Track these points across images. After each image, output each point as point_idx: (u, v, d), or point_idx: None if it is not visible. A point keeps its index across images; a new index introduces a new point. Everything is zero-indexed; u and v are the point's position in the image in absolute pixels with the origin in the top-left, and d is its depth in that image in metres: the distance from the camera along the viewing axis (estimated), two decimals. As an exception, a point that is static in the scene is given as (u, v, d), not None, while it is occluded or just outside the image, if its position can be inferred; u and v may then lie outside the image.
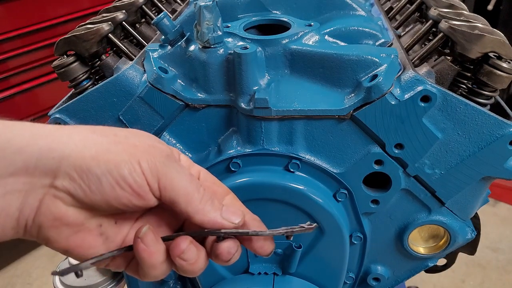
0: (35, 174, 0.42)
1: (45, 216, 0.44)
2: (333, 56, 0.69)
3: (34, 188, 0.43)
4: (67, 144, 0.43)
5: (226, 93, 0.72)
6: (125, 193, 0.44)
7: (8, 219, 0.43)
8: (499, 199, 2.63)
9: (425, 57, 0.71)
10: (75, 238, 0.46)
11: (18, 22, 2.15)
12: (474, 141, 0.68)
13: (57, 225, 0.45)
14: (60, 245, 0.46)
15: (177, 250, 0.47)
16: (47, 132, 0.43)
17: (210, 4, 0.67)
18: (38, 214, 0.44)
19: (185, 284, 0.89)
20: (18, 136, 0.42)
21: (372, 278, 0.84)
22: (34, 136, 0.43)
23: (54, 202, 0.44)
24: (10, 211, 0.43)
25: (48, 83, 2.31)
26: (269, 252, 0.52)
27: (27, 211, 0.44)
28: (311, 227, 0.51)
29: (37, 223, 0.44)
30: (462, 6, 0.81)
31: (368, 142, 0.70)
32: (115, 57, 0.82)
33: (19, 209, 0.43)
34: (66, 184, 0.43)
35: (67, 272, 0.45)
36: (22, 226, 0.44)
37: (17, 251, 2.51)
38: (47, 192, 0.44)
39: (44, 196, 0.44)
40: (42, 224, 0.44)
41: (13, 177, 0.42)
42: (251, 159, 0.72)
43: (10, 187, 0.42)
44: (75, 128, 0.46)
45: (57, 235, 0.45)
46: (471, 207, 0.75)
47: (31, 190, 0.43)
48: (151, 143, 0.47)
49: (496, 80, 0.66)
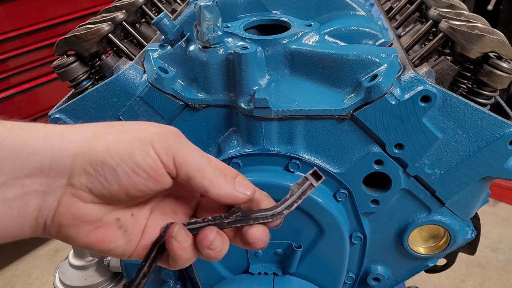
0: (51, 175, 0.43)
1: (65, 216, 0.45)
2: (333, 56, 0.69)
3: (51, 188, 0.44)
4: (79, 142, 0.44)
5: (226, 93, 0.72)
6: (141, 179, 0.45)
7: (27, 219, 0.44)
8: (499, 199, 2.63)
9: (425, 57, 0.71)
10: (95, 233, 0.47)
11: (18, 22, 2.15)
12: (474, 141, 0.68)
13: (76, 223, 0.46)
14: (81, 241, 0.47)
15: (206, 242, 0.49)
16: (58, 132, 0.44)
17: (210, 4, 0.67)
18: (57, 214, 0.45)
19: (185, 284, 0.89)
20: (32, 139, 0.43)
21: (372, 278, 0.84)
22: (47, 137, 0.44)
23: (72, 201, 0.45)
24: (29, 211, 0.44)
25: (48, 83, 2.31)
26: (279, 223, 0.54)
27: (46, 212, 0.45)
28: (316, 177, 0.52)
29: (56, 223, 0.45)
30: (462, 6, 0.81)
31: (368, 142, 0.70)
32: (115, 57, 0.82)
33: (38, 209, 0.44)
34: (83, 180, 0.44)
35: None
36: (41, 226, 0.45)
37: (17, 251, 2.51)
38: (64, 192, 0.44)
39: (62, 196, 0.45)
40: (61, 224, 0.46)
41: (30, 178, 0.43)
42: (251, 159, 0.72)
43: (28, 188, 0.43)
44: (84, 125, 0.47)
45: (77, 233, 0.46)
46: (471, 207, 0.75)
47: (48, 191, 0.44)
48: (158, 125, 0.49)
49: (496, 80, 0.66)
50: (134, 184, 0.45)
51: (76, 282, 0.96)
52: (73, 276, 0.97)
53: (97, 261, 0.97)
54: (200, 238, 0.49)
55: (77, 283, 0.96)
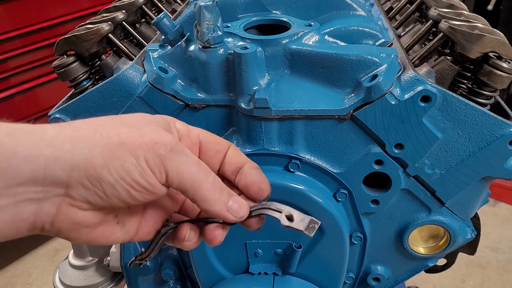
0: (46, 183, 0.43)
1: (65, 222, 0.45)
2: (333, 56, 0.69)
3: (48, 196, 0.43)
4: (73, 152, 0.43)
5: (226, 93, 0.72)
6: (140, 193, 0.46)
7: (23, 223, 0.44)
8: (499, 199, 2.64)
9: (425, 57, 0.71)
10: (96, 232, 0.48)
11: (18, 22, 2.15)
12: (474, 141, 0.68)
13: (77, 228, 0.46)
14: (82, 240, 0.48)
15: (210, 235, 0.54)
16: (49, 139, 0.43)
17: (210, 4, 0.67)
18: (56, 221, 0.45)
19: (185, 284, 0.89)
20: (21, 146, 0.41)
21: (372, 278, 0.84)
22: (37, 145, 0.42)
23: (71, 210, 0.45)
24: (25, 217, 0.43)
25: (48, 83, 2.31)
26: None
27: (44, 217, 0.44)
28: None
29: (56, 228, 0.45)
30: (462, 6, 0.81)
31: (368, 142, 0.70)
32: (115, 57, 0.82)
33: (35, 214, 0.44)
34: (81, 193, 0.44)
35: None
36: (38, 228, 0.45)
37: (17, 251, 2.51)
38: (63, 201, 0.44)
39: (60, 204, 0.44)
40: (61, 229, 0.46)
41: (23, 186, 0.42)
42: (251, 159, 0.71)
43: (21, 196, 0.42)
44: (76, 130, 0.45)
45: (78, 234, 0.47)
46: (471, 207, 0.75)
47: (45, 198, 0.43)
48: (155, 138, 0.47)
49: (496, 80, 0.66)
50: (132, 197, 0.46)
51: (76, 282, 0.96)
52: (73, 276, 0.97)
53: (97, 261, 0.97)
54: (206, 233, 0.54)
55: (77, 283, 0.96)
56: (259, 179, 0.55)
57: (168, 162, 0.46)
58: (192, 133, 0.55)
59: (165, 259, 0.86)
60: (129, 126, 0.47)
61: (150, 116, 0.51)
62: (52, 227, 0.45)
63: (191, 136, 0.54)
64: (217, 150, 0.55)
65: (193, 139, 0.55)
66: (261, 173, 0.56)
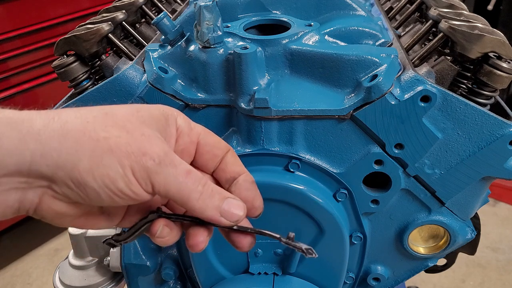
0: (30, 175, 0.43)
1: (47, 212, 0.46)
2: (333, 56, 0.69)
3: (32, 186, 0.44)
4: (59, 151, 0.42)
5: (226, 93, 0.72)
6: (123, 200, 0.46)
7: (8, 209, 0.44)
8: (499, 199, 2.64)
9: (425, 57, 0.71)
10: (79, 220, 0.49)
11: (18, 22, 2.15)
12: (474, 141, 0.68)
13: (59, 217, 0.47)
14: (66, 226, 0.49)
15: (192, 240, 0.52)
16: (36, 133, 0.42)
17: (210, 4, 0.67)
18: (39, 209, 0.45)
19: (185, 284, 0.89)
20: (6, 138, 0.41)
21: (372, 278, 0.84)
22: (23, 138, 0.42)
23: (53, 201, 0.45)
24: (9, 203, 0.44)
25: (48, 83, 2.31)
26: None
27: (28, 205, 0.45)
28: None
29: (39, 215, 0.46)
30: (462, 6, 0.81)
31: (368, 142, 0.70)
32: (115, 57, 0.82)
33: (19, 201, 0.44)
34: (64, 190, 0.44)
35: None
36: (23, 213, 0.46)
37: (17, 251, 2.51)
38: (45, 192, 0.44)
39: (43, 194, 0.45)
40: (44, 216, 0.47)
41: (7, 177, 0.42)
42: (251, 159, 0.72)
43: (5, 186, 0.42)
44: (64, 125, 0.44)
45: (61, 223, 0.48)
46: (471, 207, 0.76)
47: (29, 188, 0.44)
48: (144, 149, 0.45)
49: (496, 80, 0.66)
50: (115, 202, 0.46)
51: (76, 282, 0.96)
52: (73, 276, 0.97)
53: (97, 261, 0.97)
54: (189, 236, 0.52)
55: (77, 283, 0.96)
56: (254, 195, 0.53)
57: (155, 176, 0.45)
58: (193, 132, 0.54)
59: (165, 259, 0.86)
60: (120, 127, 0.45)
61: (147, 112, 0.49)
62: (35, 214, 0.46)
63: (191, 135, 0.53)
64: (214, 154, 0.54)
65: (193, 138, 0.53)
66: (256, 189, 0.54)
